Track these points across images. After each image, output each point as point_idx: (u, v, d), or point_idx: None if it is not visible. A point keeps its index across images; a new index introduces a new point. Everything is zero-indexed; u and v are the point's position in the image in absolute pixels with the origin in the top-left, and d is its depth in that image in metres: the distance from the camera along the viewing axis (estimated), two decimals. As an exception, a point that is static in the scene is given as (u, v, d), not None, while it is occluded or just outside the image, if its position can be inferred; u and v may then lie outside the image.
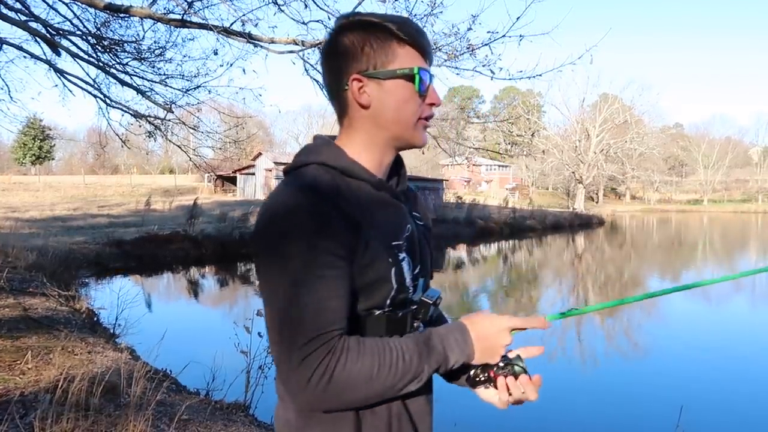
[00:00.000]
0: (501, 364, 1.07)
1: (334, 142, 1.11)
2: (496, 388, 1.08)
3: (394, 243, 1.05)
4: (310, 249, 0.92)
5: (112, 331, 6.92)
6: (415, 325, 1.10)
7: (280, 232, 0.94)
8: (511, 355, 1.09)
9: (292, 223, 0.94)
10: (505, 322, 1.05)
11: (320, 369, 0.89)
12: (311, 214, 0.94)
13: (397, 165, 1.16)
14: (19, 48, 6.67)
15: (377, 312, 1.03)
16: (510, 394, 1.07)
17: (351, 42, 1.05)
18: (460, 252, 22.47)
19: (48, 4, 6.40)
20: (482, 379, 1.08)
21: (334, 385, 0.90)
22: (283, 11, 5.02)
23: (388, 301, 1.03)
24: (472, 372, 1.08)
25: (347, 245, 0.95)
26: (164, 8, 5.75)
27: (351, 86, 1.06)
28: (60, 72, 6.95)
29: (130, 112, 7.33)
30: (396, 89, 1.05)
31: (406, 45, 1.05)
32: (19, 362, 4.19)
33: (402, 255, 1.05)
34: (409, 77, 1.05)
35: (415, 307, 1.09)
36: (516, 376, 1.07)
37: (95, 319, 7.54)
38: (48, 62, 6.73)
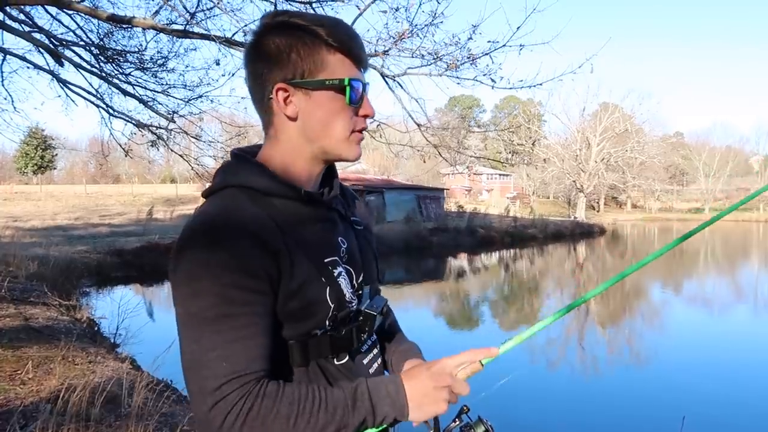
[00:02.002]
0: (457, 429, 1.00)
1: (254, 157, 1.02)
2: None
3: (327, 260, 0.99)
4: (220, 286, 0.85)
5: (113, 340, 6.91)
6: (363, 338, 1.04)
7: (187, 268, 0.87)
8: (472, 417, 1.02)
9: (200, 258, 0.86)
10: (446, 366, 0.96)
11: (232, 415, 0.83)
12: (221, 247, 0.86)
13: (330, 172, 1.09)
14: (23, 58, 6.72)
15: (319, 333, 0.97)
16: None
17: (276, 46, 0.95)
18: (461, 261, 22.43)
19: (52, 15, 6.45)
20: None
21: (249, 430, 0.84)
22: (285, 22, 5.05)
23: (328, 322, 0.97)
24: None
25: (266, 277, 0.88)
26: (167, 19, 5.80)
27: (276, 96, 0.96)
28: (63, 82, 7.00)
29: (133, 121, 7.37)
30: (325, 101, 0.96)
31: (336, 52, 0.96)
32: (19, 372, 4.19)
33: (338, 270, 1.01)
34: (340, 88, 0.96)
35: (360, 319, 1.03)
36: None
37: (96, 328, 7.54)
38: (51, 72, 6.78)
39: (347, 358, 1.02)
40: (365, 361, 1.07)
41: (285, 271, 0.91)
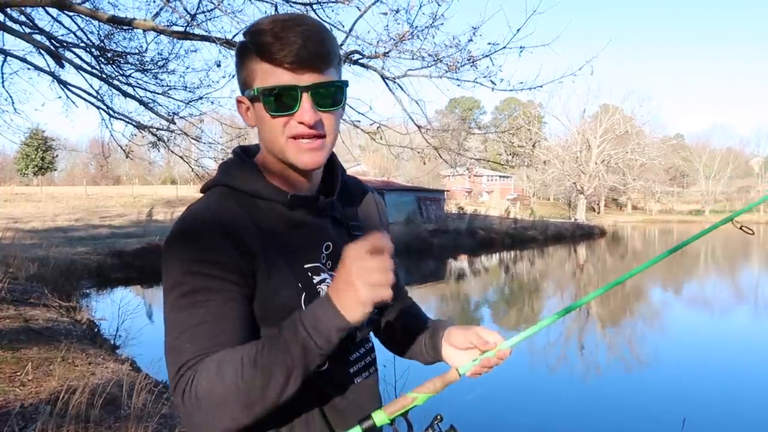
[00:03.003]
0: None
1: (252, 157, 1.05)
2: None
3: (308, 266, 0.99)
4: (189, 276, 0.88)
5: (113, 342, 6.91)
6: (349, 347, 1.03)
7: (167, 262, 0.92)
8: (443, 426, 0.99)
9: (175, 251, 0.91)
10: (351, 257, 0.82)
11: (187, 391, 0.84)
12: (197, 242, 0.90)
13: (331, 175, 1.08)
14: (23, 60, 6.74)
15: None
16: None
17: (235, 60, 0.99)
18: (462, 263, 22.42)
19: (52, 17, 6.46)
20: None
21: (203, 402, 0.83)
22: (285, 23, 5.05)
23: None
24: None
25: (238, 270, 0.90)
26: (167, 21, 5.80)
27: (238, 108, 1.01)
28: (63, 83, 7.01)
29: (133, 123, 7.38)
30: (259, 110, 0.96)
31: (262, 61, 0.93)
32: (19, 373, 4.18)
33: (321, 277, 1.00)
34: (257, 98, 0.94)
35: None
36: None
37: (96, 330, 7.53)
38: (52, 74, 6.78)
39: (327, 365, 0.99)
40: (351, 371, 1.05)
41: (260, 272, 0.93)
